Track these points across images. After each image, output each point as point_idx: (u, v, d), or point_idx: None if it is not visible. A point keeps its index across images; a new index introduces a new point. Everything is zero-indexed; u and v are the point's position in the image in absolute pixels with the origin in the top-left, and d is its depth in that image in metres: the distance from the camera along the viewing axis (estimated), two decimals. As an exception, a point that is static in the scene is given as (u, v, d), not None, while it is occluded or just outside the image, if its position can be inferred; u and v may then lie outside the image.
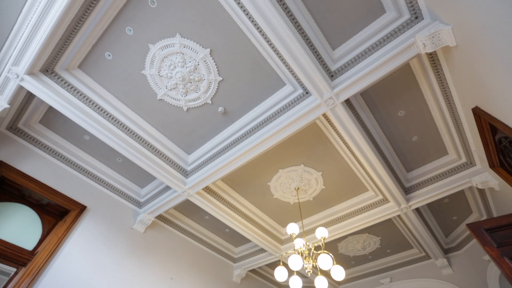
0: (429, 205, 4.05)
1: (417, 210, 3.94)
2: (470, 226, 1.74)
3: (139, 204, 4.04)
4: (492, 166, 2.83)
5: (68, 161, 3.45)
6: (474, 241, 4.44)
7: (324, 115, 2.97)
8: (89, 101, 2.83)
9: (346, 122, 2.80)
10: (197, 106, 3.00)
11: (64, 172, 3.41)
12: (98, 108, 2.88)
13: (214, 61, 2.63)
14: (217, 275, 4.64)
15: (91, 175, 3.63)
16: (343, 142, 3.22)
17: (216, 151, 3.32)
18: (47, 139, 3.28)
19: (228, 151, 3.23)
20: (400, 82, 2.76)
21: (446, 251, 4.74)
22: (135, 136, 3.13)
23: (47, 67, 2.57)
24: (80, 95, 2.77)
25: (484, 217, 4.14)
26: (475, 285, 4.26)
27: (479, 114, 2.34)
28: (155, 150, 3.28)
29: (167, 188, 3.75)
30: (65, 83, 2.69)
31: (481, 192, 3.74)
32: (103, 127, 2.90)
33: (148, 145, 3.23)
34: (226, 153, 3.25)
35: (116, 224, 3.64)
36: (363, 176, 3.64)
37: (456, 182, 3.41)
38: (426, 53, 2.46)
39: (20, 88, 2.66)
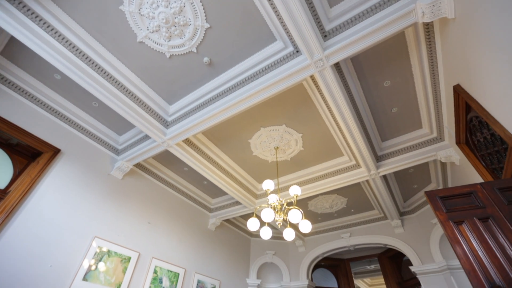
0: (395, 172, 4.38)
1: (384, 176, 4.26)
2: (427, 193, 1.94)
3: (117, 151, 3.97)
4: (458, 142, 3.04)
5: (37, 101, 3.21)
6: (427, 207, 4.99)
7: (312, 77, 2.93)
8: (58, 35, 2.53)
9: (333, 86, 2.79)
10: (181, 54, 2.80)
11: (33, 112, 3.20)
12: (69, 44, 2.60)
13: (202, 5, 2.39)
14: (193, 222, 4.92)
15: (64, 117, 3.44)
16: (327, 106, 3.25)
17: (199, 103, 3.23)
18: (12, 74, 2.99)
19: (211, 105, 3.15)
20: (392, 51, 2.71)
21: (401, 214, 5.31)
22: (112, 79, 2.93)
23: (5, -13, 2.20)
24: (48, 26, 2.46)
25: (441, 187, 4.58)
26: (420, 242, 4.93)
27: (458, 92, 2.41)
28: (134, 97, 3.13)
29: (146, 137, 3.68)
30: (28, 10, 2.35)
31: (443, 165, 4.08)
32: (75, 66, 2.66)
33: (126, 90, 3.05)
34: (209, 106, 3.17)
35: (92, 169, 3.61)
36: (341, 141, 3.78)
37: (423, 155, 3.66)
38: (423, 23, 2.40)
39: (-27, 9, 2.30)
